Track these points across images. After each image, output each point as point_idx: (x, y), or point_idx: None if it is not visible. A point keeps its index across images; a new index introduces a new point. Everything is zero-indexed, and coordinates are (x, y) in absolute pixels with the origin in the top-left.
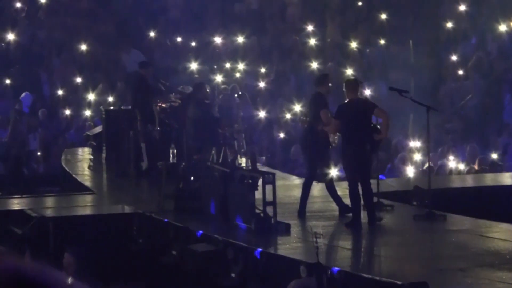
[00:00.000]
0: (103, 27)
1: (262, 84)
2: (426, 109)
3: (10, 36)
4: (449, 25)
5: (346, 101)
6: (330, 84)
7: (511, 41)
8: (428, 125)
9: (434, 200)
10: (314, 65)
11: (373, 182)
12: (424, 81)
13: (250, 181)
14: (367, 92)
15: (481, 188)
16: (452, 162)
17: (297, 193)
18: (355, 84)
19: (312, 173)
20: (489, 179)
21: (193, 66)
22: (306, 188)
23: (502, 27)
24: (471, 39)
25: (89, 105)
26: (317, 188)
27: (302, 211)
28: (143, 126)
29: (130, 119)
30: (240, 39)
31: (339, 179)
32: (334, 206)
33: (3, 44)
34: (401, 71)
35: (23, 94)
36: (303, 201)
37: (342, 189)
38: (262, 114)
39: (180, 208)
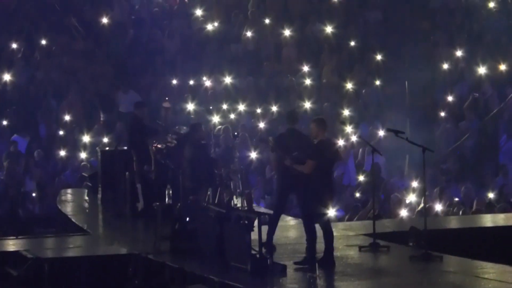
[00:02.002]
0: (100, 67)
1: (261, 124)
2: (421, 149)
3: (7, 77)
4: (445, 66)
5: (318, 141)
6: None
7: (506, 82)
8: (424, 166)
9: (430, 241)
10: (309, 105)
11: (369, 223)
12: (419, 122)
13: (246, 221)
14: (365, 132)
15: (476, 229)
16: (439, 206)
17: (293, 233)
18: (325, 124)
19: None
20: (485, 220)
21: (190, 107)
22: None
23: (497, 68)
24: (466, 79)
25: (84, 146)
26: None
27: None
28: (139, 167)
29: (126, 159)
30: (237, 80)
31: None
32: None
33: None
34: (396, 111)
35: (14, 136)
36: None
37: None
38: (253, 155)
39: (176, 249)
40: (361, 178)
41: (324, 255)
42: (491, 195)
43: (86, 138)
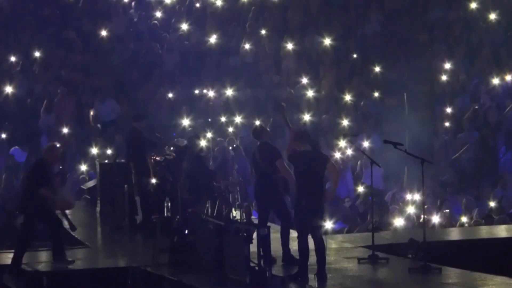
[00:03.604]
0: (98, 80)
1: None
2: (420, 161)
3: (6, 90)
4: (444, 78)
5: (300, 151)
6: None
7: (505, 94)
8: (423, 178)
9: (429, 253)
10: (308, 117)
11: (367, 235)
12: (418, 134)
13: (245, 234)
14: (365, 144)
15: (476, 241)
16: (436, 217)
17: (292, 245)
18: (307, 135)
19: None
20: (484, 231)
21: (188, 119)
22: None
23: (495, 80)
24: (465, 92)
25: (85, 159)
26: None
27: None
28: (137, 179)
29: (124, 172)
30: (235, 92)
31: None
32: (329, 259)
33: None
34: (395, 123)
35: (12, 149)
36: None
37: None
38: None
39: (174, 261)
40: (360, 190)
41: (317, 269)
42: (490, 206)
43: (85, 151)
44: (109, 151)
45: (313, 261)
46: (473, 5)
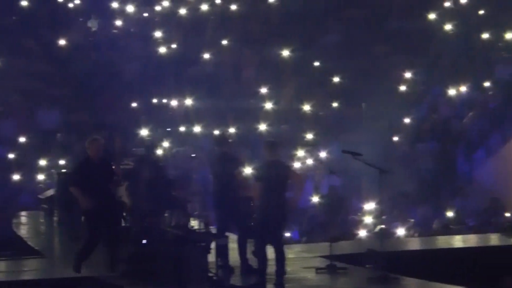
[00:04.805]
0: (59, 90)
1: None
2: (378, 171)
3: None
4: (403, 88)
5: (265, 162)
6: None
7: (463, 104)
8: (381, 188)
9: (388, 262)
10: (266, 127)
11: (326, 244)
12: (377, 144)
13: (203, 244)
14: (324, 154)
15: (434, 251)
16: (397, 227)
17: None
18: (274, 145)
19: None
20: (442, 241)
21: (147, 129)
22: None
23: (452, 91)
24: (424, 102)
25: (41, 168)
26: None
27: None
28: None
29: None
30: (195, 102)
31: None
32: (287, 269)
33: None
34: (354, 133)
35: None
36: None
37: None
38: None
39: (133, 272)
40: (318, 200)
41: (275, 279)
42: (448, 216)
43: (43, 161)
44: (62, 162)
45: (272, 271)
46: (432, 16)
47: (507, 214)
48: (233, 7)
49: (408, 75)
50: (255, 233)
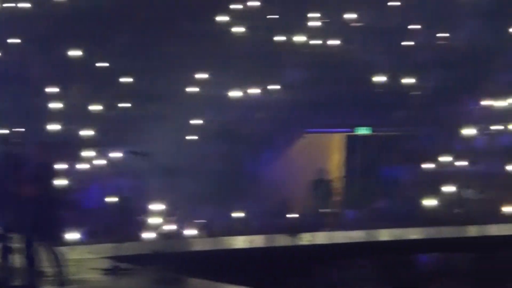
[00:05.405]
0: None
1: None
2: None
3: None
4: (194, 89)
5: (36, 163)
6: None
7: (251, 106)
8: (169, 188)
9: (174, 263)
10: (55, 127)
11: (112, 246)
12: (167, 144)
13: None
14: (113, 154)
15: (221, 251)
16: (183, 227)
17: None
18: (45, 147)
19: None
20: (229, 242)
21: None
22: None
23: (240, 93)
24: (213, 103)
25: None
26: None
27: None
28: None
29: None
30: None
31: None
32: (71, 270)
33: None
34: (144, 134)
35: None
36: None
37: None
38: None
39: None
40: (107, 200)
41: (55, 280)
42: (235, 217)
43: None
44: None
45: (52, 271)
46: (221, 18)
47: (293, 215)
48: (21, 5)
49: (199, 76)
50: (28, 232)
